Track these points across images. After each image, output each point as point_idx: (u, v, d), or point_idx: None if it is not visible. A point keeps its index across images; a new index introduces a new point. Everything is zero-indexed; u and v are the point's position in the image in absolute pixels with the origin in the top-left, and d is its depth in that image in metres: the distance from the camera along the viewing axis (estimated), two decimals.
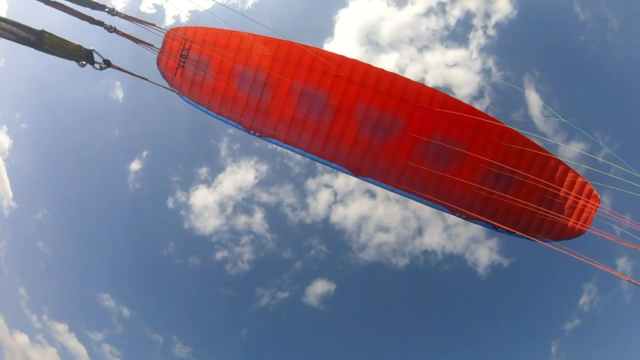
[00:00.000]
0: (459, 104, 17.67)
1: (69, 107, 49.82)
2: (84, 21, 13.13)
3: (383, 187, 18.82)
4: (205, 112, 18.68)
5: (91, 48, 12.16)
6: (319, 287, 46.97)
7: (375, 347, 47.06)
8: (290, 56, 17.81)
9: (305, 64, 17.81)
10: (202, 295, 49.86)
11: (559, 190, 17.43)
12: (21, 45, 10.82)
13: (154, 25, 16.24)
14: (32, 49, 11.21)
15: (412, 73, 44.92)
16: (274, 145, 19.06)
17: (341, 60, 17.89)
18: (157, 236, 50.18)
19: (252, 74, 18.06)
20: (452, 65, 44.54)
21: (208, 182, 48.31)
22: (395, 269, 46.21)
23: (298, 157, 44.48)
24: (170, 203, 48.46)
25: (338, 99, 18.00)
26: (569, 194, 17.53)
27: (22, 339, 48.60)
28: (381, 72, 17.91)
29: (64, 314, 49.52)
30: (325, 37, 46.74)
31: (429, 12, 45.13)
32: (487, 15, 44.07)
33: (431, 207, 18.55)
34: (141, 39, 15.68)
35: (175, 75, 18.20)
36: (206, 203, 48.05)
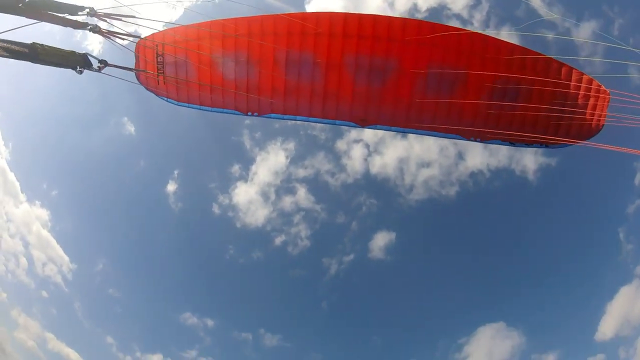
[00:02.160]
0: (447, 30, 16.89)
1: (89, 158, 50.89)
2: (68, 27, 12.79)
3: (393, 131, 18.71)
4: (200, 108, 18.42)
5: (84, 52, 11.98)
6: (381, 240, 47.86)
7: (448, 283, 48.11)
8: (265, 28, 17.08)
9: (282, 32, 17.08)
10: (274, 283, 51.84)
11: (567, 92, 17.00)
12: (17, 60, 10.79)
13: (134, 17, 15.51)
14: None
15: (402, 3, 44.27)
16: (293, 121, 18.88)
17: (317, 16, 17.08)
18: (215, 244, 51.74)
19: (232, 57, 17.48)
20: None
21: (244, 177, 49.33)
22: (447, 200, 46.54)
23: (319, 124, 43.96)
24: (215, 209, 49.59)
25: (324, 56, 17.38)
26: (578, 93, 17.11)
27: None
28: (360, 17, 17.09)
29: (154, 344, 52.35)
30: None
31: None
32: None
33: (446, 137, 18.47)
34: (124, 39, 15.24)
35: (159, 84, 17.76)
36: (249, 197, 49.10)
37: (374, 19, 17.05)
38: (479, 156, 44.88)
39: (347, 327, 50.53)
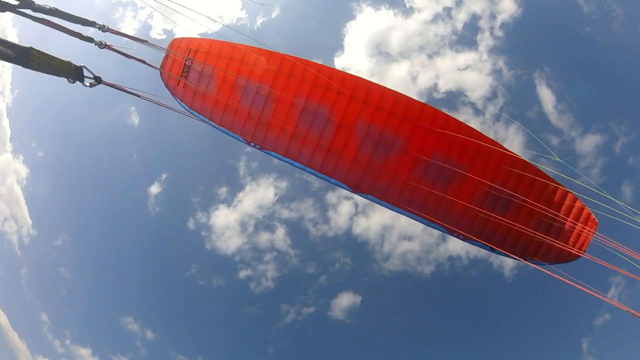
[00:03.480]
0: (460, 125, 17.65)
1: (85, 134, 50.64)
2: (75, 38, 12.96)
3: (382, 205, 18.86)
4: (207, 122, 18.68)
5: (82, 64, 11.94)
6: (345, 300, 46.95)
7: (404, 356, 47.05)
8: (294, 71, 17.76)
9: (308, 80, 17.77)
10: (227, 315, 50.18)
11: (557, 214, 17.47)
12: (8, 63, 10.66)
13: (146, 42, 16.05)
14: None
15: (424, 80, 45.15)
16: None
17: (344, 77, 17.87)
18: (180, 258, 50.48)
19: (254, 87, 18.03)
20: (464, 69, 44.85)
21: (228, 202, 48.61)
22: (421, 277, 46.11)
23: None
24: (191, 224, 48.76)
25: (340, 115, 17.97)
26: (567, 218, 17.59)
27: None
28: (384, 90, 17.87)
29: (87, 338, 50.15)
30: (335, 51, 46.87)
31: (435, 18, 45.45)
32: (493, 16, 44.37)
33: (429, 226, 18.62)
34: (134, 55, 15.63)
35: (178, 85, 18.16)
36: (227, 222, 48.25)
37: (395, 95, 17.82)
38: (460, 242, 44.70)
39: None
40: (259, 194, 48.26)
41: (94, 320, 51.03)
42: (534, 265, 18.09)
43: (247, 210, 48.06)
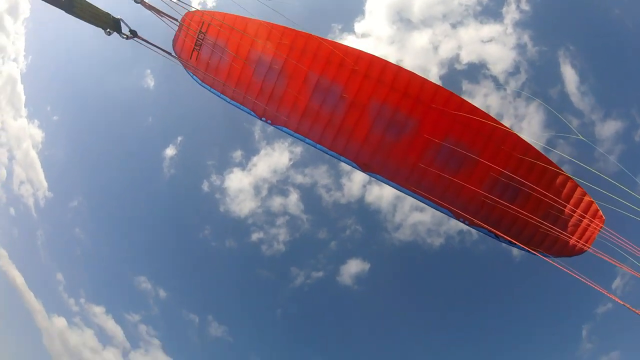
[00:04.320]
0: (473, 109, 17.34)
1: (100, 97, 50.64)
2: None
3: (390, 185, 18.82)
4: (218, 95, 18.66)
5: (119, 17, 12.42)
6: (354, 267, 47.53)
7: (407, 327, 47.83)
8: (308, 47, 17.52)
9: (322, 56, 17.53)
10: (237, 276, 51.20)
11: (565, 207, 17.28)
12: (52, 6, 10.96)
13: (179, 1, 16.03)
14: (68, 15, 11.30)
15: (446, 50, 44.33)
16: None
17: (358, 54, 17.57)
18: (194, 220, 51.21)
19: (268, 62, 17.87)
20: (487, 41, 43.80)
21: (243, 165, 48.91)
22: (430, 249, 46.39)
23: None
24: (205, 187, 49.14)
25: (353, 93, 17.77)
26: (574, 212, 17.40)
27: (60, 322, 51.39)
28: (398, 69, 17.60)
29: (101, 297, 51.48)
30: (355, 16, 46.24)
31: None
32: None
33: (436, 209, 18.58)
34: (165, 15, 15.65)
35: (191, 58, 18.08)
36: (241, 186, 48.68)
37: (410, 76, 17.52)
38: None
39: (294, 342, 50.06)
40: (274, 158, 48.59)
41: (108, 279, 52.74)
42: (538, 255, 18.05)
43: (261, 174, 48.46)
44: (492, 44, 43.67)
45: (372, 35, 46.58)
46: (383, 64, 17.61)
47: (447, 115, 17.31)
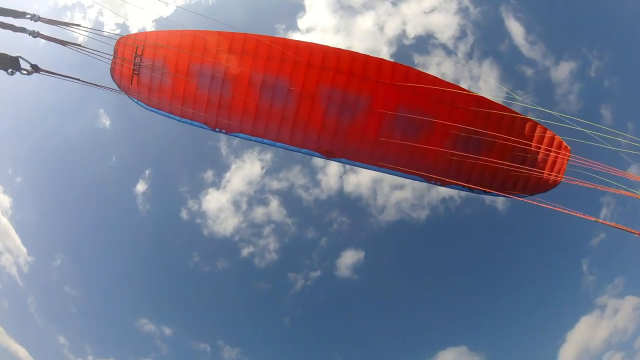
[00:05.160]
0: (419, 75, 17.56)
1: (58, 147, 49.73)
2: (7, 30, 12.85)
3: (357, 166, 18.92)
4: (167, 116, 18.45)
5: (17, 55, 11.99)
6: (349, 258, 47.51)
7: (413, 305, 48.04)
8: (246, 48, 17.50)
9: (261, 54, 17.49)
10: (237, 294, 50.44)
11: (529, 146, 17.57)
12: None
13: (79, 25, 15.67)
14: None
15: (392, 28, 45.11)
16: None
17: (297, 45, 17.62)
18: (180, 250, 50.38)
19: (209, 71, 17.77)
20: (430, 12, 44.94)
21: (216, 184, 48.49)
22: (417, 223, 46.87)
23: None
24: (184, 214, 48.59)
25: (299, 84, 17.79)
26: (540, 148, 17.70)
27: None
28: (339, 51, 17.69)
29: (107, 349, 49.93)
30: (297, 13, 46.72)
31: None
32: None
33: (407, 178, 18.72)
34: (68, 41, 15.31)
35: (132, 84, 17.84)
36: (220, 205, 48.25)
37: (352, 56, 17.63)
38: None
39: (309, 345, 49.42)
40: (246, 170, 48.44)
41: (110, 330, 51.04)
42: (516, 198, 18.34)
43: (237, 188, 48.28)
44: (435, 14, 45.02)
45: (317, 29, 47.19)
46: (323, 50, 17.68)
47: (395, 86, 17.46)
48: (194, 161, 50.40)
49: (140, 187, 48.55)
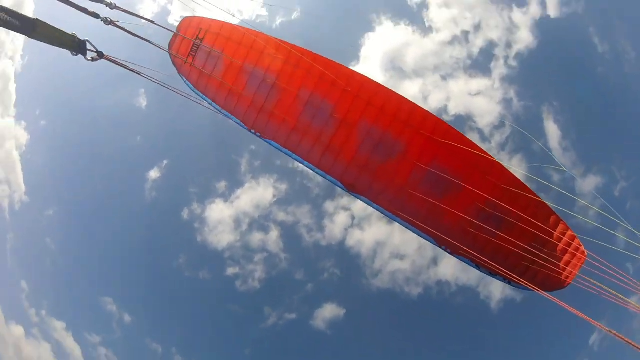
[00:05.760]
0: (461, 137, 17.52)
1: (90, 109, 50.23)
2: (81, 12, 13.06)
3: (374, 208, 18.69)
4: (210, 103, 18.60)
5: (85, 39, 12.05)
6: (329, 311, 46.59)
7: None
8: (302, 63, 17.68)
9: (315, 73, 17.66)
10: (208, 309, 49.74)
11: (549, 240, 17.27)
12: (12, 31, 10.73)
13: (153, 22, 16.17)
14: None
15: (435, 100, 45.47)
16: (295, 165, 19.04)
17: (351, 74, 17.80)
18: (169, 246, 50.08)
19: (261, 74, 17.97)
20: (475, 94, 45.05)
21: (225, 197, 48.44)
22: (408, 298, 45.88)
23: (318, 178, 44.60)
24: (185, 214, 48.58)
25: (343, 112, 17.87)
26: (558, 245, 17.38)
27: (18, 331, 48.97)
28: (389, 92, 17.82)
29: (63, 312, 49.57)
30: (350, 60, 46.66)
31: (453, 40, 45.82)
32: (509, 45, 44.68)
33: (419, 235, 18.43)
34: (139, 34, 15.68)
35: (185, 62, 18.08)
36: (222, 217, 48.12)
37: (400, 100, 17.75)
38: (451, 268, 44.88)
39: None
40: (258, 193, 48.22)
41: (73, 295, 50.69)
42: (519, 283, 17.89)
43: (243, 207, 48.02)
44: (480, 97, 45.07)
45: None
46: (375, 86, 17.84)
47: (434, 141, 17.44)
48: (212, 167, 50.51)
49: (154, 174, 48.87)
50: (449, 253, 18.29)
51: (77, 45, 11.89)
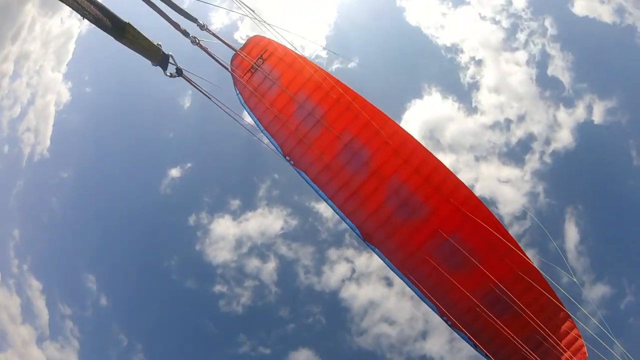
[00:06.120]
0: (489, 215, 17.59)
1: (136, 93, 51.89)
2: (172, 26, 13.54)
3: (385, 262, 18.68)
4: (255, 120, 18.91)
5: (169, 53, 12.43)
6: (304, 356, 46.14)
7: None
8: (352, 106, 18.03)
9: (361, 119, 18.00)
10: (183, 319, 49.40)
11: (552, 335, 17.04)
12: (102, 31, 10.48)
13: (236, 50, 16.80)
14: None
15: (463, 178, 45.40)
16: (311, 204, 19.27)
17: (396, 129, 18.12)
18: (165, 245, 50.33)
19: (310, 107, 18.34)
20: (504, 181, 45.56)
21: (235, 215, 48.97)
22: None
23: (329, 224, 46.66)
24: (191, 220, 48.96)
25: (378, 163, 18.10)
26: (560, 342, 17.14)
27: None
28: (429, 155, 18.05)
29: (44, 273, 49.81)
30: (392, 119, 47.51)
31: (494, 125, 47.09)
32: (547, 142, 45.24)
33: (422, 300, 18.30)
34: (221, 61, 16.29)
35: (244, 77, 18.58)
36: (225, 234, 48.41)
37: (437, 164, 17.97)
38: (439, 345, 44.31)
39: None
40: (267, 220, 48.50)
41: (59, 262, 50.85)
42: None
43: (249, 230, 48.30)
44: (508, 185, 45.59)
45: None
46: (414, 145, 18.11)
47: (460, 212, 17.53)
48: (231, 183, 51.09)
49: (174, 172, 49.66)
50: (449, 325, 18.08)
51: (160, 57, 12.14)
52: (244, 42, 18.73)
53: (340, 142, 18.35)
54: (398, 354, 44.58)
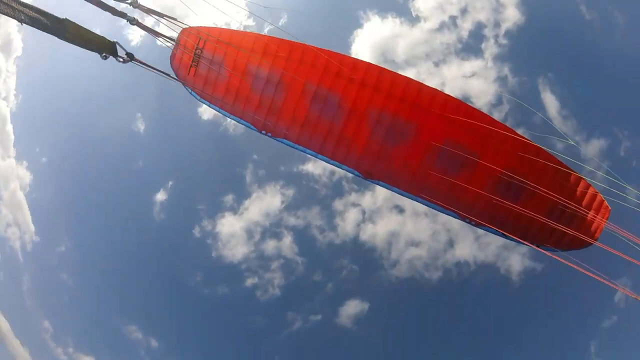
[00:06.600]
0: (471, 111, 17.60)
1: (89, 140, 50.28)
2: (107, 12, 13.17)
3: (394, 191, 18.80)
4: (218, 110, 18.68)
5: (114, 40, 12.24)
6: (352, 307, 46.53)
7: None
8: (304, 57, 17.72)
9: (318, 66, 17.72)
10: (232, 323, 49.54)
11: (570, 201, 17.32)
12: (45, 33, 10.63)
13: (175, 20, 16.42)
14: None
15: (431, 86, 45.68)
16: (300, 168, 19.13)
17: (354, 63, 17.85)
18: (185, 266, 49.94)
19: (265, 74, 18.02)
20: (469, 76, 44.96)
21: (234, 209, 48.30)
22: (428, 283, 45.84)
23: (324, 179, 45.72)
24: (196, 232, 48.40)
25: (350, 102, 17.93)
26: (580, 204, 17.45)
27: None
28: (394, 75, 17.88)
29: (90, 346, 49.48)
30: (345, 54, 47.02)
31: (441, 27, 45.64)
32: (497, 25, 44.71)
33: (441, 212, 18.52)
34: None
35: (189, 73, 18.18)
36: (233, 230, 47.98)
37: (407, 81, 17.79)
38: (468, 247, 45.11)
39: None
40: (266, 201, 48.10)
41: (97, 328, 50.62)
42: (545, 252, 17.92)
43: (253, 218, 47.91)
44: (474, 79, 44.99)
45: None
46: (379, 71, 17.87)
47: (445, 118, 17.52)
48: (217, 182, 50.28)
49: (160, 196, 48.76)
50: (473, 225, 18.33)
51: (108, 47, 12.07)
52: (174, 42, 18.14)
53: (307, 96, 18.11)
54: (434, 270, 45.42)
